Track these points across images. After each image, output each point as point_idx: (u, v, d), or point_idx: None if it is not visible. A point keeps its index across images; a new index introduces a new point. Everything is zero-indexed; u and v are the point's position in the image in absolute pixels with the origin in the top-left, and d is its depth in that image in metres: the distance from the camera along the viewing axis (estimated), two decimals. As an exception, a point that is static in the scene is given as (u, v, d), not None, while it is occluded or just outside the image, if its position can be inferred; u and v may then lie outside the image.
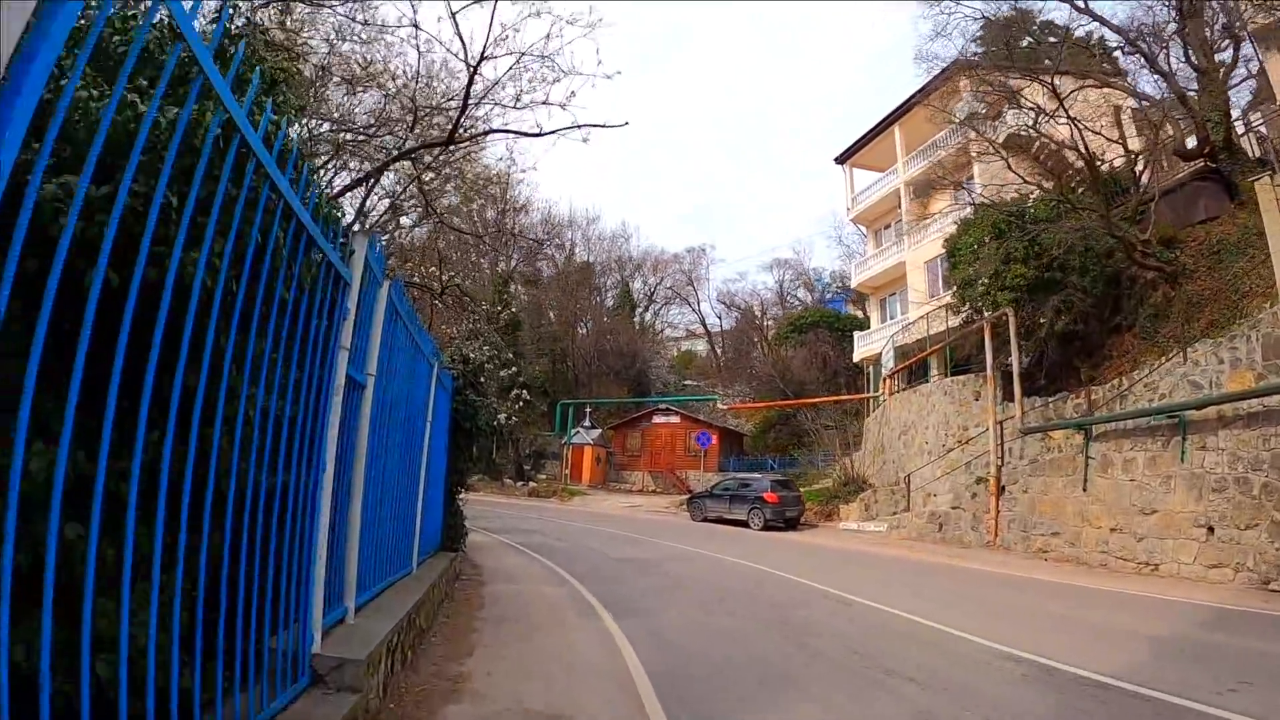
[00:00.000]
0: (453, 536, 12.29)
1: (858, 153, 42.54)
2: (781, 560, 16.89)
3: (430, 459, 9.83)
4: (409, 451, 8.28)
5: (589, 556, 16.75)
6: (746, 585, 12.93)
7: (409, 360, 7.73)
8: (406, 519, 8.39)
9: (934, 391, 25.93)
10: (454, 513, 12.43)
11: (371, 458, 6.11)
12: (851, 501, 27.32)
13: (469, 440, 12.54)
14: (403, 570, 8.25)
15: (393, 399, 6.90)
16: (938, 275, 33.86)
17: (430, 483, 10.02)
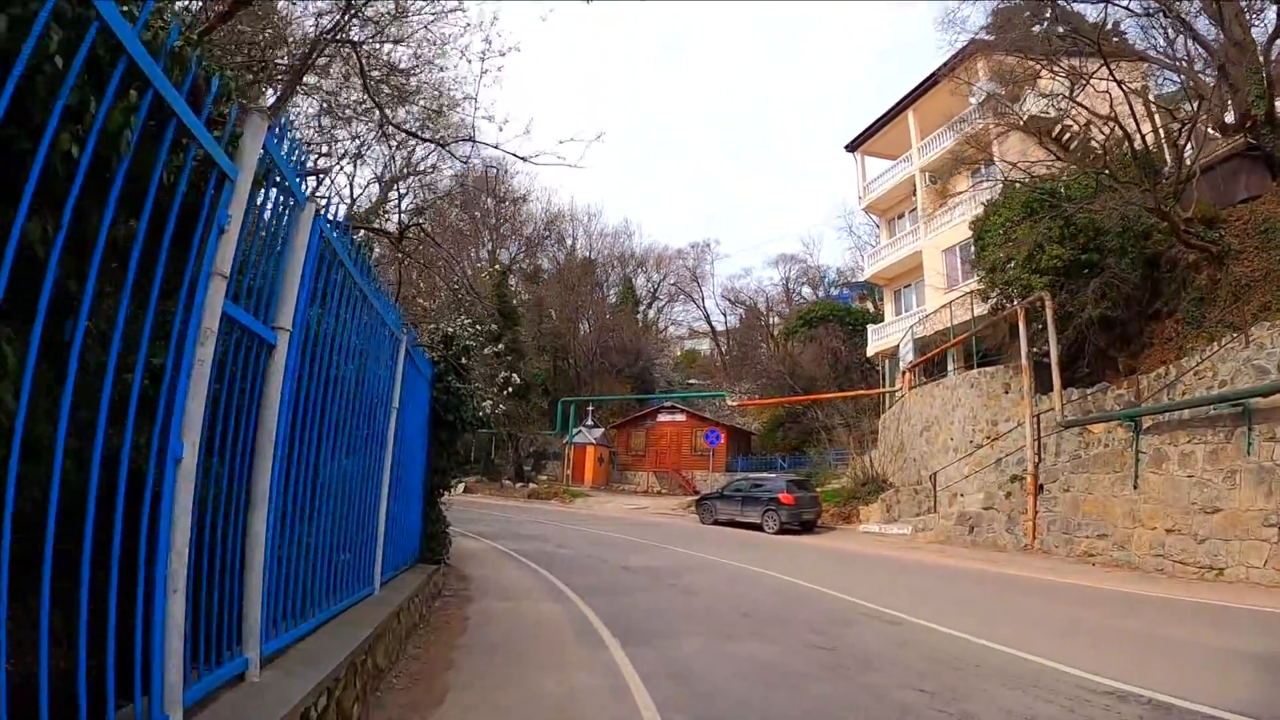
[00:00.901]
0: (434, 547, 10.66)
1: (869, 140, 40.99)
2: (805, 569, 15.25)
3: (402, 457, 8.27)
4: (367, 447, 6.68)
5: (592, 566, 15.08)
6: (773, 600, 11.25)
7: (362, 329, 6.10)
8: (364, 530, 6.75)
9: (959, 385, 24.33)
10: (435, 519, 10.76)
11: (289, 448, 4.47)
12: (872, 502, 25.64)
13: (452, 435, 10.89)
14: (360, 592, 6.65)
15: (332, 374, 5.25)
16: (958, 263, 32.30)
17: (401, 486, 8.45)
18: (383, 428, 7.32)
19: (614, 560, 15.91)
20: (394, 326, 7.55)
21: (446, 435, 10.69)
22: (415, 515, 9.94)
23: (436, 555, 10.65)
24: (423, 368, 9.67)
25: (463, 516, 26.72)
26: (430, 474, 10.51)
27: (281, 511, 4.39)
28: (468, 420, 10.87)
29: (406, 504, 9.10)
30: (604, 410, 54.80)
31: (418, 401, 9.48)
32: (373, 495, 7.07)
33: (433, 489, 10.64)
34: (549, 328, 58.30)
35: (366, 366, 6.40)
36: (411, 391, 8.71)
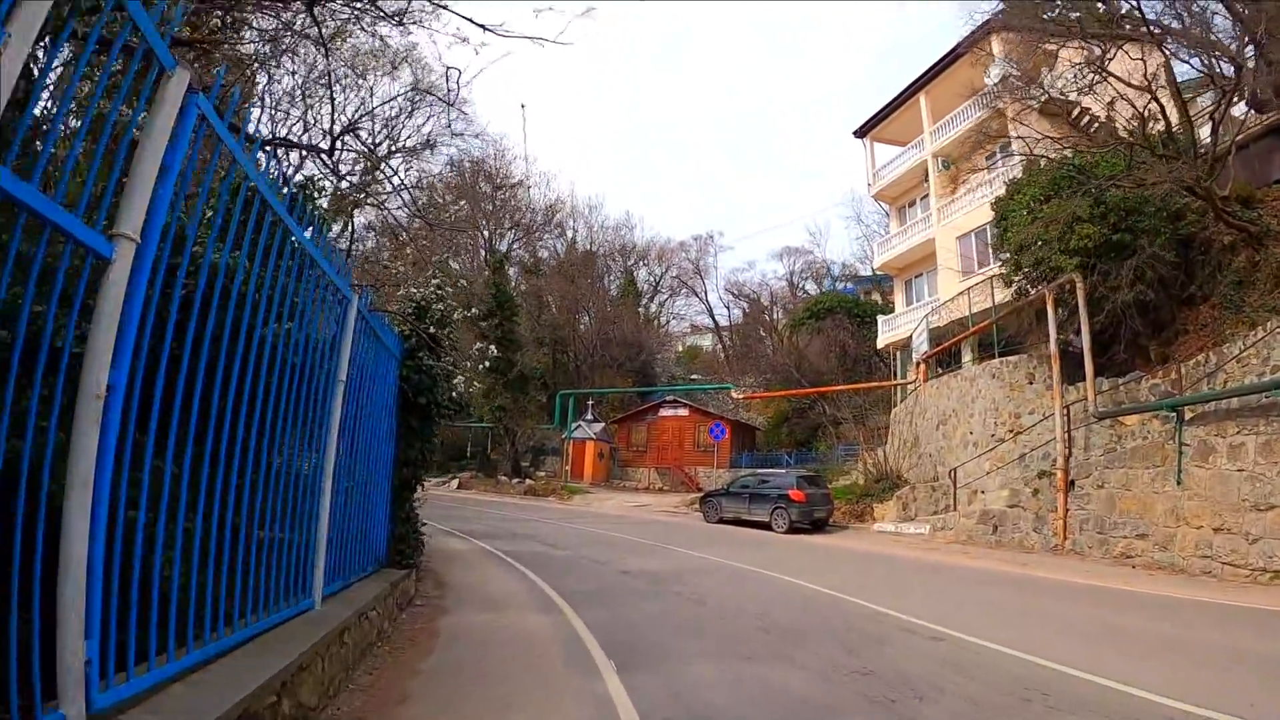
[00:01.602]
0: (403, 549, 9.29)
1: (879, 125, 39.64)
2: (822, 572, 13.91)
3: (355, 444, 7.02)
4: (299, 430, 5.43)
5: (588, 569, 13.72)
6: (792, 610, 9.87)
7: (291, 281, 4.83)
8: (296, 531, 5.42)
9: (979, 375, 22.99)
10: (405, 518, 9.37)
11: (143, 419, 3.15)
12: (887, 500, 24.25)
13: (426, 422, 9.53)
14: (289, 609, 5.35)
15: (240, 329, 3.93)
16: (974, 250, 31.06)
17: (356, 479, 7.20)
18: (324, 408, 5.99)
19: (612, 563, 14.56)
20: (340, 283, 6.22)
21: (418, 422, 9.33)
22: (380, 514, 8.61)
23: (406, 559, 9.29)
24: (388, 342, 8.34)
25: (452, 514, 25.61)
26: (398, 466, 9.17)
27: (109, 503, 3.04)
28: (443, 404, 9.51)
29: (365, 501, 7.76)
30: (604, 404, 53.47)
31: (382, 381, 8.17)
32: (309, 489, 5.76)
33: (402, 484, 9.27)
34: (548, 319, 56.97)
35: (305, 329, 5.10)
36: (370, 367, 7.42)
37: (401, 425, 9.17)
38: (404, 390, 9.02)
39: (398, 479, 9.15)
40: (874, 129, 40.03)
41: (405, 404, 9.11)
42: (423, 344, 9.24)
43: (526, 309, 53.71)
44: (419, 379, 9.03)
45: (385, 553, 8.93)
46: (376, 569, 8.43)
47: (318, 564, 6.01)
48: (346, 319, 6.49)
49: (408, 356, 9.07)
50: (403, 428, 9.19)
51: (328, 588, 6.34)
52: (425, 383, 9.08)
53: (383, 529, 8.76)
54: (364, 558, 7.85)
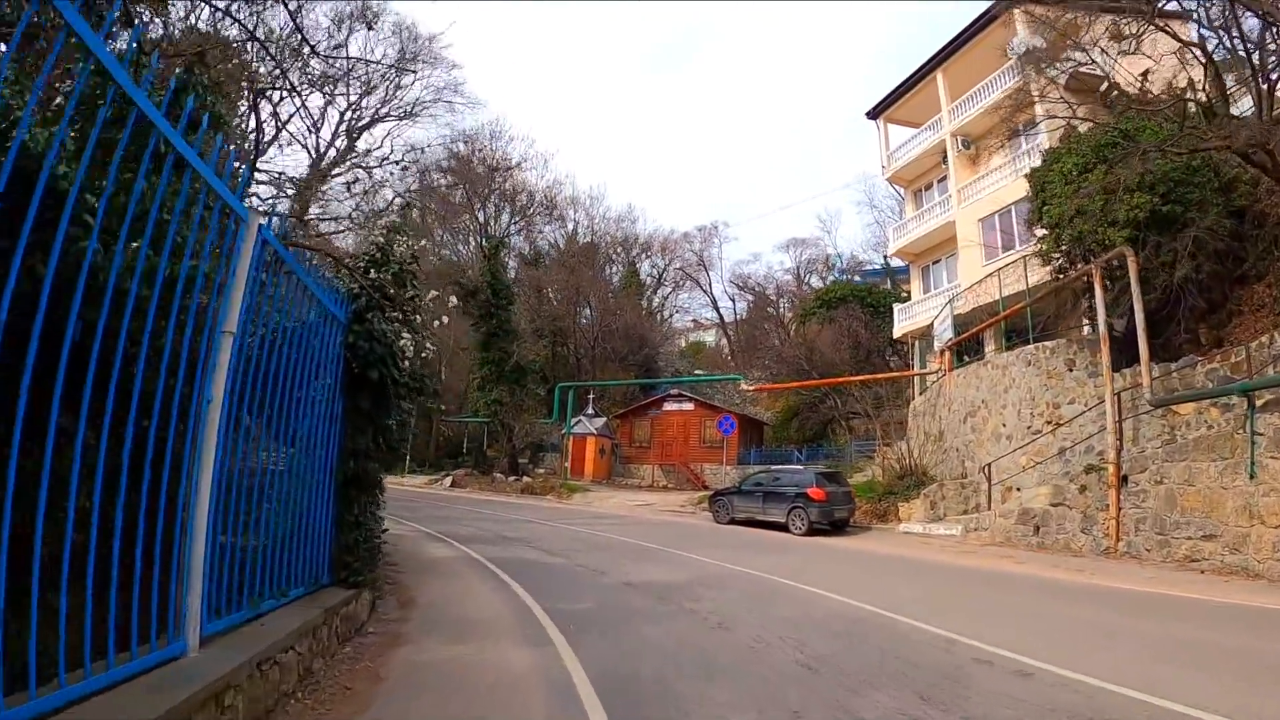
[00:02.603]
0: (351, 562, 7.39)
1: (893, 106, 37.92)
2: (856, 582, 12.11)
3: (279, 426, 5.55)
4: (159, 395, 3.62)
5: (585, 581, 11.84)
6: (837, 637, 7.99)
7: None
8: (154, 539, 3.62)
9: (1012, 363, 21.17)
10: (353, 523, 7.44)
11: None
12: (913, 498, 22.33)
13: (380, 403, 7.66)
14: (150, 658, 3.66)
15: None
16: (997, 233, 29.44)
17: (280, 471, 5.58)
18: (204, 369, 4.17)
19: (613, 572, 12.67)
20: (227, 196, 4.37)
21: (370, 402, 7.46)
22: (319, 519, 6.77)
23: (356, 575, 7.39)
24: (323, 298, 6.51)
25: (440, 515, 23.77)
26: (345, 459, 7.33)
27: None
28: (401, 380, 7.62)
29: (289, 502, 5.95)
30: (606, 400, 51.61)
31: (318, 348, 6.37)
32: (169, 486, 3.93)
33: (349, 480, 7.41)
34: (547, 310, 55.05)
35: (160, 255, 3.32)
36: (295, 329, 5.62)
37: (349, 407, 7.33)
38: (350, 362, 7.16)
39: (342, 474, 7.30)
40: (888, 109, 38.36)
41: (353, 380, 7.25)
42: (375, 304, 7.36)
43: (525, 299, 51.90)
44: (369, 348, 7.14)
45: (328, 567, 7.09)
46: (311, 589, 6.59)
47: (191, 590, 4.21)
48: (240, 249, 4.66)
49: (356, 320, 7.19)
50: (351, 410, 7.34)
51: (213, 624, 4.56)
52: (378, 352, 7.19)
53: (323, 538, 6.93)
54: (289, 575, 6.05)
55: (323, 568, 6.97)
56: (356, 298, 7.32)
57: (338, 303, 7.00)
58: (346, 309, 7.19)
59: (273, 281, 5.39)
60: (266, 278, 5.19)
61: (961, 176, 32.18)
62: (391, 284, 7.68)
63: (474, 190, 47.45)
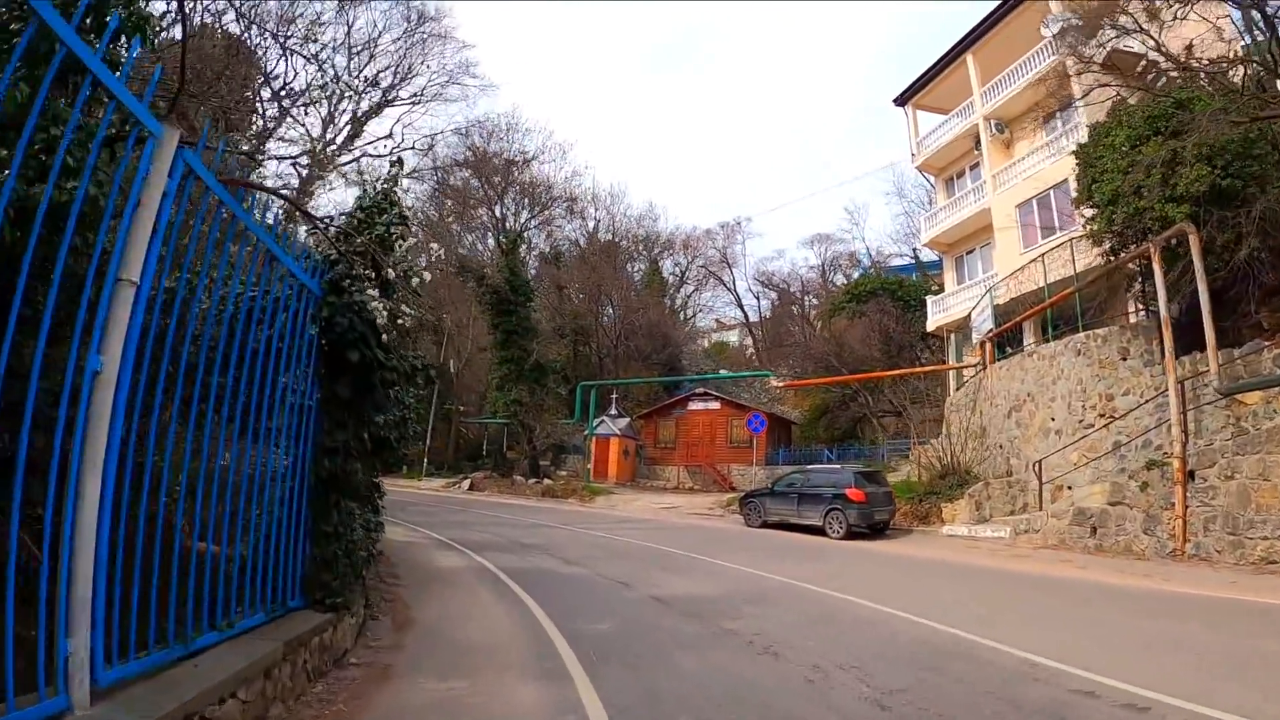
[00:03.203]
0: (328, 581, 6.23)
1: (921, 91, 36.53)
2: (912, 593, 10.93)
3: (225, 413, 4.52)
4: None
5: (609, 595, 10.65)
6: (907, 665, 6.76)
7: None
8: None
9: (1060, 353, 19.86)
10: (330, 534, 6.26)
11: None
12: (956, 499, 20.93)
13: (363, 388, 6.47)
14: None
15: None
16: (1036, 218, 27.97)
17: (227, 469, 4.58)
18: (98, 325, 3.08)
19: (639, 584, 11.46)
20: (117, 89, 3.26)
21: (351, 390, 6.30)
22: (289, 530, 5.69)
23: (334, 596, 6.24)
24: (283, 258, 5.37)
25: (455, 520, 22.72)
26: (319, 458, 6.21)
27: None
28: (389, 364, 6.44)
29: (239, 509, 4.86)
30: (630, 400, 50.39)
31: (286, 321, 5.28)
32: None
33: (324, 482, 6.27)
34: (568, 308, 53.90)
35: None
36: (246, 299, 4.48)
37: (326, 397, 6.21)
38: (324, 341, 6.03)
39: (316, 475, 6.18)
40: (916, 95, 36.93)
41: (330, 364, 6.12)
42: (356, 272, 6.21)
43: (545, 298, 50.80)
44: (347, 324, 5.98)
45: (298, 587, 5.96)
46: (275, 615, 5.47)
47: (73, 629, 3.11)
48: (148, 174, 3.54)
49: (332, 291, 6.04)
50: (328, 400, 6.22)
51: (116, 670, 3.45)
52: (358, 330, 6.02)
53: (292, 552, 5.82)
54: (245, 598, 4.97)
55: (291, 588, 5.86)
56: (333, 265, 6.18)
57: (310, 270, 5.89)
58: (320, 278, 6.07)
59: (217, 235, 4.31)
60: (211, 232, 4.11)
61: (996, 161, 30.77)
62: (378, 247, 6.53)
63: (489, 183, 46.33)
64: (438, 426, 49.58)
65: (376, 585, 9.84)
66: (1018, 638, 7.68)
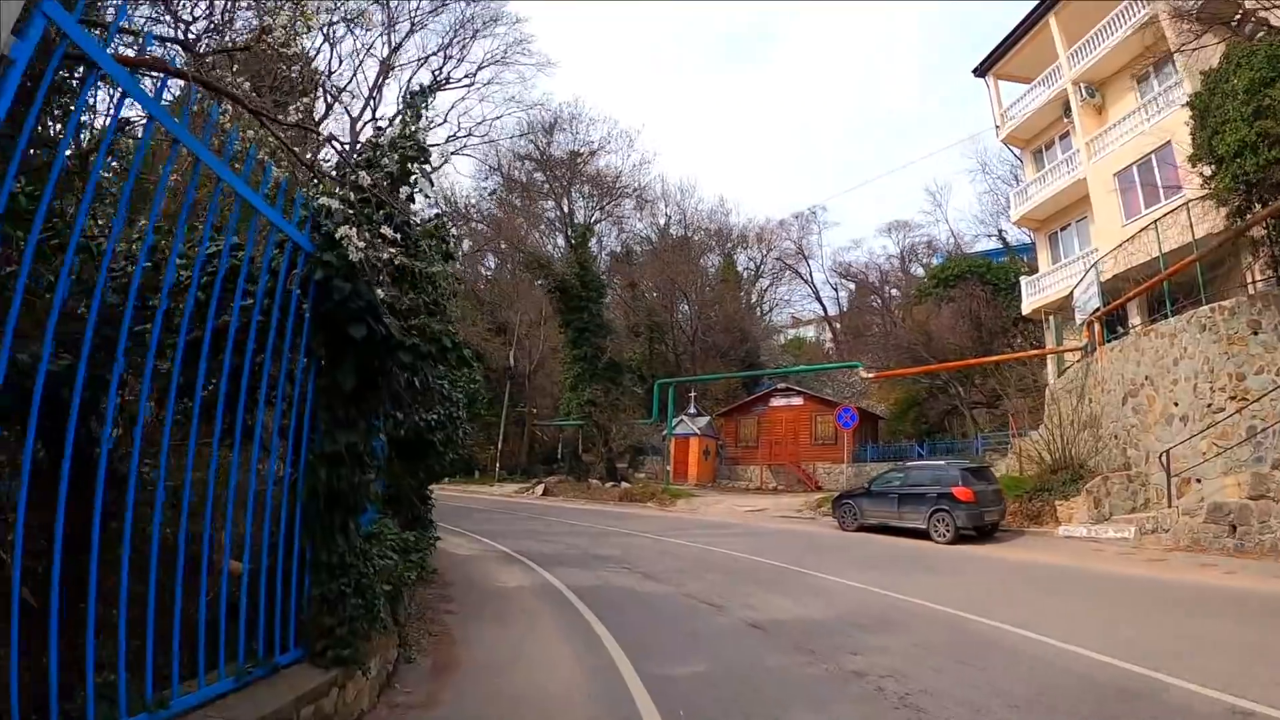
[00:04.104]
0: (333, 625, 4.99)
1: (1001, 60, 34.43)
2: (1054, 612, 9.41)
3: None
4: None
5: (697, 620, 9.22)
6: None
7: None
8: None
9: (1182, 330, 17.96)
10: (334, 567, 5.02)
11: None
12: (1072, 496, 19.08)
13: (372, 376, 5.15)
14: None
15: None
16: (1136, 186, 25.82)
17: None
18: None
19: (734, 605, 10.01)
20: None
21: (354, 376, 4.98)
22: (280, 563, 4.56)
23: (341, 647, 4.94)
24: (256, 202, 4.19)
25: (523, 528, 21.56)
26: (314, 468, 4.96)
27: None
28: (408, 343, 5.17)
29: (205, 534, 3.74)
30: (709, 399, 48.89)
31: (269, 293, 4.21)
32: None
33: (325, 500, 4.99)
34: (642, 305, 52.66)
35: None
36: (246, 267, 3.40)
37: (324, 387, 5.03)
38: (322, 313, 4.85)
39: (311, 488, 4.95)
40: (996, 64, 34.81)
41: (329, 343, 4.92)
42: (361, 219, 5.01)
43: (618, 296, 49.66)
44: (349, 290, 4.71)
45: (293, 635, 4.78)
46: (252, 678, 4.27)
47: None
48: None
49: (328, 246, 4.79)
50: (326, 391, 5.03)
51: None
52: (364, 297, 4.75)
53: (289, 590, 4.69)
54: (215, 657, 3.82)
55: (284, 637, 4.69)
56: (329, 214, 4.95)
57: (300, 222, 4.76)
58: (311, 229, 4.91)
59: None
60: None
61: (1088, 128, 28.66)
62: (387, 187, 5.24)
63: (554, 175, 45.32)
64: (510, 430, 48.86)
65: (421, 614, 8.67)
66: (1204, 672, 6.22)
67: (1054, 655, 7.24)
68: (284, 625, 4.71)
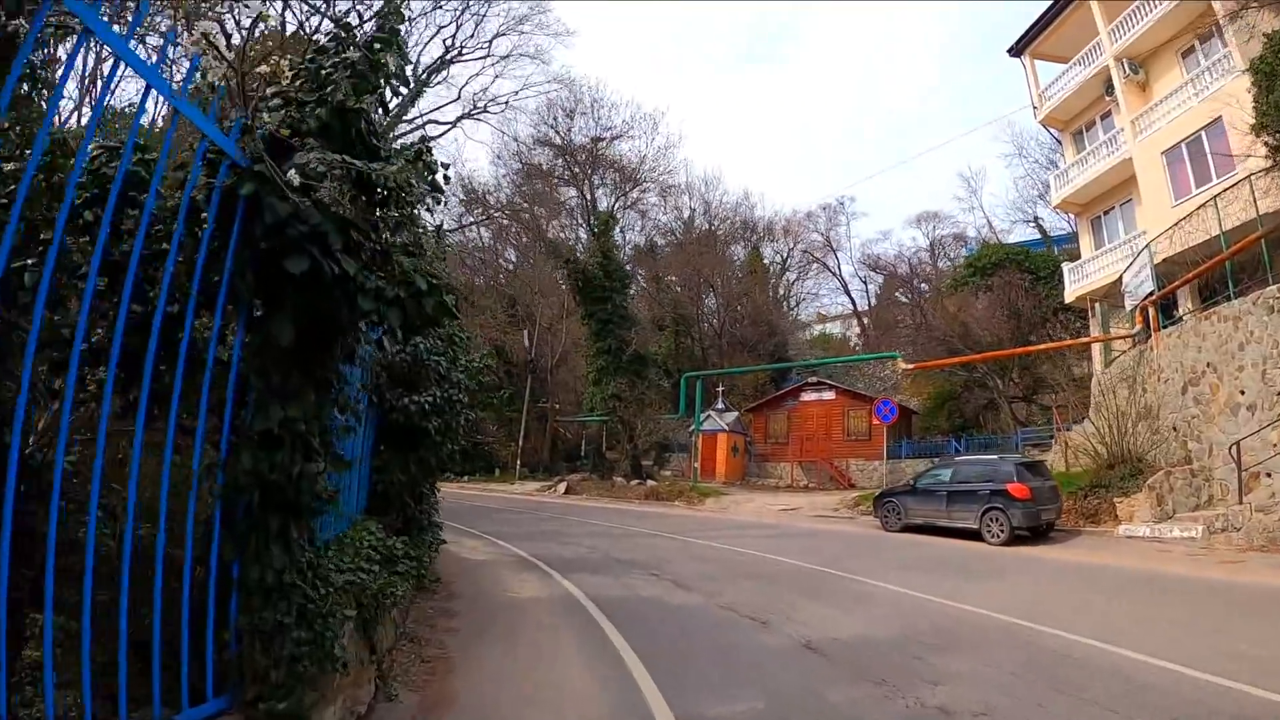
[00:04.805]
0: (267, 670, 3.84)
1: (1037, 39, 33.18)
2: (1147, 626, 8.31)
3: None
4: None
5: (742, 642, 8.00)
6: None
7: None
8: None
9: (1246, 312, 16.81)
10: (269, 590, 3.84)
11: None
12: (1133, 492, 17.72)
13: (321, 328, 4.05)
14: None
15: None
16: (1185, 164, 24.60)
17: None
18: None
19: (779, 620, 8.82)
20: None
21: (292, 328, 3.83)
22: (184, 580, 3.50)
23: (277, 698, 3.79)
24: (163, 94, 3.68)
25: (544, 529, 20.49)
26: (237, 453, 3.83)
27: None
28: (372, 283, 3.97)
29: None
30: (736, 394, 47.56)
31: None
32: None
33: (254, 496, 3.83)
34: (667, 298, 51.46)
35: None
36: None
37: (258, 346, 3.95)
38: (250, 244, 3.71)
39: (234, 481, 3.80)
40: (1032, 43, 33.55)
41: (265, 281, 3.79)
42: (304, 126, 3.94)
43: (642, 290, 48.53)
44: (289, 210, 3.57)
45: (209, 679, 3.66)
46: None
47: None
48: None
49: (276, 151, 3.69)
50: (258, 350, 3.94)
51: None
52: (308, 220, 3.58)
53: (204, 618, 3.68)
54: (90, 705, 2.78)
55: (201, 680, 3.63)
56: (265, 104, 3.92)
57: (214, 122, 3.66)
58: (239, 135, 3.73)
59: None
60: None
61: (1132, 106, 27.36)
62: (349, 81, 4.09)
63: (574, 159, 44.14)
64: (532, 426, 47.81)
65: (416, 633, 7.63)
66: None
67: (1161, 679, 6.20)
68: (200, 668, 3.64)
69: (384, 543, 6.89)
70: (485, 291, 45.00)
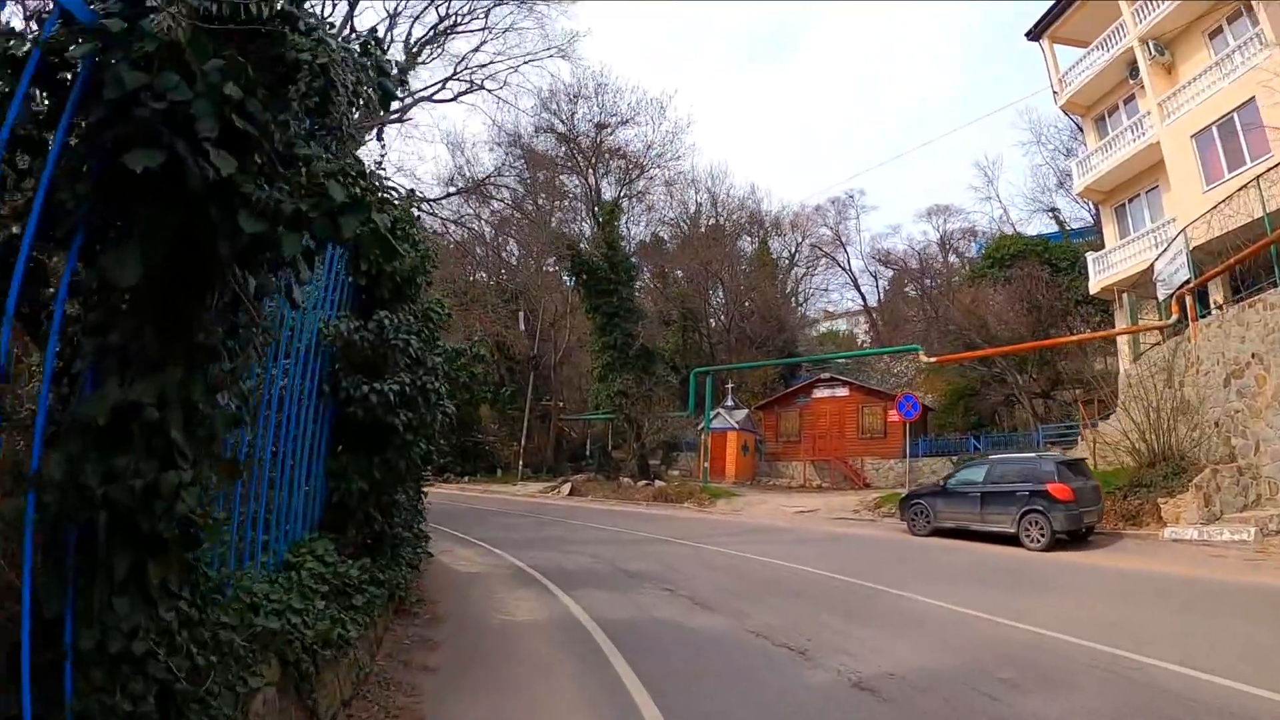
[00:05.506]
0: None
1: (1056, 22, 32.15)
2: (1235, 647, 7.23)
3: None
4: None
5: (779, 682, 6.78)
6: None
7: None
8: None
9: (1299, 299, 15.71)
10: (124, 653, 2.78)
11: None
12: (1178, 492, 16.57)
13: (188, 256, 2.94)
14: None
15: None
16: (1216, 147, 23.72)
17: None
18: None
19: (820, 649, 7.60)
20: None
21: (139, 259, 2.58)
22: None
23: None
24: None
25: (545, 535, 19.43)
26: (61, 448, 2.60)
27: None
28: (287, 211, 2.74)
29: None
30: (746, 390, 46.55)
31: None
32: None
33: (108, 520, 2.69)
34: (674, 292, 50.29)
35: None
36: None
37: (89, 281, 2.77)
38: (87, 134, 2.58)
39: (41, 502, 2.56)
40: (1050, 27, 32.60)
41: (105, 190, 2.61)
42: None
43: (648, 285, 47.37)
44: (142, 83, 2.43)
45: None
46: None
47: None
48: None
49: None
50: (88, 294, 2.80)
51: None
52: (164, 95, 2.43)
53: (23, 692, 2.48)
54: None
55: None
56: None
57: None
58: None
59: None
60: None
61: (1159, 89, 26.43)
62: None
63: (577, 146, 42.88)
64: (534, 425, 46.91)
65: (384, 676, 6.41)
66: None
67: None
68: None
69: (334, 569, 5.70)
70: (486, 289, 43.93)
